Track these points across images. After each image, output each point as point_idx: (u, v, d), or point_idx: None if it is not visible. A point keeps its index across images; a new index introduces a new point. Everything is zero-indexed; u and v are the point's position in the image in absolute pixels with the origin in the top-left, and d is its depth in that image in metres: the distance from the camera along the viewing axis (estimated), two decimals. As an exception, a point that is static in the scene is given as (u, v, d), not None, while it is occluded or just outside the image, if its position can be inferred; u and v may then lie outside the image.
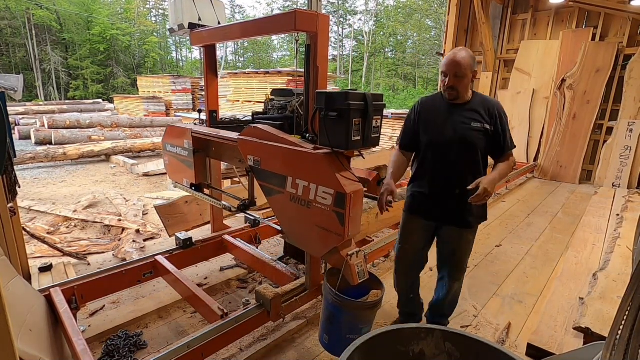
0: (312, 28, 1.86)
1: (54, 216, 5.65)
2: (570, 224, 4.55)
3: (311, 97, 1.95)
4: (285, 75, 13.30)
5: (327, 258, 1.87)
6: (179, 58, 44.45)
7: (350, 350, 1.22)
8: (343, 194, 1.63)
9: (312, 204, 1.77)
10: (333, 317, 1.85)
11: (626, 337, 0.91)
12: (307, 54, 1.93)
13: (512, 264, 3.42)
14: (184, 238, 2.80)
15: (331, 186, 1.68)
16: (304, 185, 1.80)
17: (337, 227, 1.69)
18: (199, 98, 20.90)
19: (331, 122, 1.68)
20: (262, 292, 2.14)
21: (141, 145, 11.30)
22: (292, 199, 1.88)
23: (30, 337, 1.61)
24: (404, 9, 35.37)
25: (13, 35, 28.84)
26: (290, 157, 1.87)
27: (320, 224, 1.77)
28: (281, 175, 1.92)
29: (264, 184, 2.06)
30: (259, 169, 2.05)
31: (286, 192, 1.91)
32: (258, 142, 2.02)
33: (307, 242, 1.94)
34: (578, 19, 6.85)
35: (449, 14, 8.04)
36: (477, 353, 1.32)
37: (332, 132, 1.69)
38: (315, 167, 1.74)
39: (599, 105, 6.52)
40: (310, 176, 1.77)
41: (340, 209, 1.66)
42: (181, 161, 2.75)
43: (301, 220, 1.88)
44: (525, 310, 2.69)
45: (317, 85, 1.94)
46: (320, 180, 1.73)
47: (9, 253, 2.30)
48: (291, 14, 1.81)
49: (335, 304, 1.80)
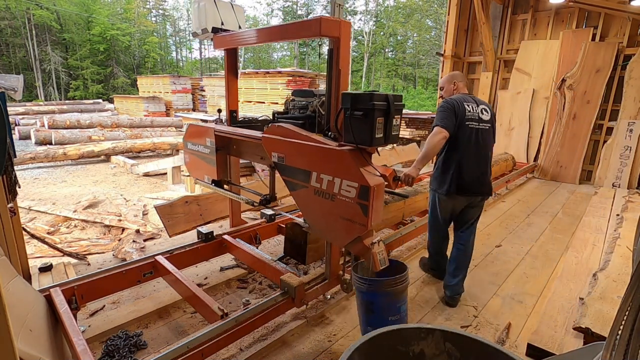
0: (336, 34, 1.98)
1: (54, 216, 5.65)
2: (570, 224, 4.55)
3: (333, 98, 2.06)
4: (285, 76, 13.28)
5: (350, 247, 1.98)
6: (179, 58, 44.45)
7: (350, 350, 1.22)
8: (367, 187, 1.75)
9: (336, 197, 1.89)
10: (371, 305, 2.00)
11: (626, 337, 0.91)
12: (330, 57, 2.05)
13: (512, 264, 3.42)
14: (205, 232, 2.92)
15: (355, 180, 1.80)
16: (329, 179, 1.92)
17: (361, 217, 1.80)
18: (199, 98, 20.89)
19: (356, 120, 1.83)
20: (287, 280, 2.27)
21: (141, 145, 11.30)
22: (316, 192, 1.99)
23: (30, 337, 1.61)
24: (404, 9, 35.37)
25: (13, 35, 28.83)
26: (315, 153, 1.97)
27: (344, 215, 1.88)
28: (306, 171, 2.03)
29: (287, 179, 2.16)
30: (283, 165, 2.15)
31: (310, 186, 2.02)
32: (283, 140, 2.13)
33: (331, 232, 2.04)
34: (578, 19, 6.85)
35: (449, 14, 8.04)
36: (477, 353, 1.32)
37: (357, 130, 1.83)
38: (340, 163, 1.86)
39: (599, 105, 6.52)
40: (335, 171, 1.89)
41: (364, 200, 1.77)
42: (202, 158, 2.86)
43: (325, 212, 1.98)
44: (525, 310, 2.69)
45: (339, 86, 2.04)
46: (344, 175, 1.84)
47: (9, 253, 2.30)
48: (317, 21, 1.92)
49: (370, 290, 1.97)
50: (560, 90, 6.83)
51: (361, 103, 1.81)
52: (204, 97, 19.86)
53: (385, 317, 1.99)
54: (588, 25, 6.79)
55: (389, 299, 1.97)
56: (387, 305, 1.98)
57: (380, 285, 1.94)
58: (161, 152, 11.91)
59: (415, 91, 32.17)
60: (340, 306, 2.63)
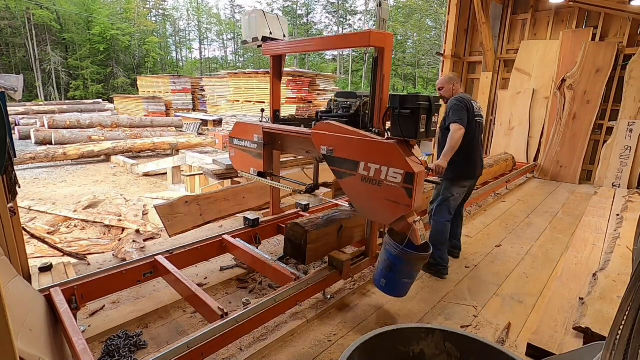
0: (382, 44, 2.29)
1: (54, 216, 5.65)
2: (570, 224, 4.55)
3: (377, 99, 2.38)
4: (286, 76, 13.27)
5: (394, 224, 2.28)
6: (179, 58, 44.45)
7: (350, 350, 1.22)
8: (412, 173, 2.07)
9: (383, 182, 2.20)
10: (393, 266, 2.34)
11: (626, 337, 0.91)
12: (375, 65, 2.36)
13: (512, 264, 3.42)
14: (252, 218, 3.16)
15: (402, 167, 2.11)
16: (376, 167, 2.22)
17: (406, 199, 2.12)
18: (198, 98, 20.89)
19: (404, 118, 2.20)
20: (335, 256, 2.60)
21: (141, 145, 11.30)
22: (364, 179, 2.29)
23: (30, 337, 1.61)
24: (404, 9, 35.37)
25: (13, 35, 28.82)
26: (364, 146, 2.28)
27: (390, 197, 2.18)
28: (354, 161, 2.33)
29: (336, 169, 2.46)
30: (333, 157, 2.45)
31: (358, 174, 2.32)
32: (332, 135, 2.44)
33: (376, 213, 2.34)
34: (578, 19, 6.85)
35: (449, 14, 8.04)
36: (477, 353, 1.32)
37: (404, 126, 2.20)
38: (388, 153, 2.17)
39: (599, 105, 6.52)
40: (383, 160, 2.19)
41: (409, 185, 2.09)
42: (249, 153, 3.18)
43: (371, 196, 2.28)
44: (525, 310, 2.69)
45: (383, 89, 2.36)
46: (392, 163, 2.15)
47: (9, 253, 2.30)
48: (367, 33, 2.26)
49: (398, 255, 2.29)
50: (560, 90, 6.83)
51: (409, 103, 2.18)
52: (204, 97, 19.88)
53: (399, 279, 2.38)
54: (588, 25, 6.79)
55: (409, 266, 2.34)
56: (405, 271, 2.35)
57: (408, 255, 2.27)
58: (161, 152, 11.92)
59: (415, 91, 32.19)
60: (340, 306, 2.63)
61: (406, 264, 2.32)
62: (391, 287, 2.43)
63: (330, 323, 2.44)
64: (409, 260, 2.30)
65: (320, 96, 14.30)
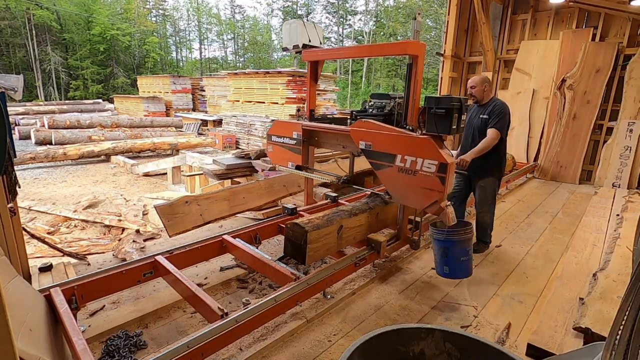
0: (416, 52, 2.61)
1: (54, 216, 5.65)
2: (570, 224, 4.55)
3: (411, 100, 2.70)
4: (286, 76, 13.27)
5: (428, 209, 2.58)
6: (179, 58, 44.44)
7: (350, 350, 1.22)
8: (445, 163, 2.37)
9: (418, 172, 2.50)
10: (447, 251, 2.67)
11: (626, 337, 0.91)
12: (409, 70, 2.69)
13: (512, 264, 3.42)
14: (291, 207, 3.39)
15: (436, 159, 2.41)
16: (412, 159, 2.53)
17: (439, 186, 2.42)
18: (198, 98, 20.89)
19: (438, 116, 2.49)
20: (373, 238, 2.95)
21: (141, 145, 11.30)
22: (400, 170, 2.60)
23: (30, 337, 1.61)
24: (404, 9, 35.39)
25: (13, 35, 28.82)
26: (401, 140, 2.59)
27: (425, 185, 2.48)
28: (391, 154, 2.64)
29: (374, 161, 2.77)
30: (371, 150, 2.76)
31: (395, 165, 2.63)
32: (370, 131, 2.76)
33: (411, 199, 2.66)
34: (578, 19, 6.85)
35: (449, 14, 8.04)
36: (477, 353, 1.32)
37: (439, 123, 2.50)
38: (424, 147, 2.47)
39: (599, 105, 6.52)
40: (419, 153, 2.49)
41: (442, 174, 2.39)
42: (287, 148, 3.48)
43: (407, 184, 2.59)
44: (525, 310, 2.69)
45: (417, 92, 2.68)
46: (426, 155, 2.45)
47: (9, 253, 2.30)
48: (405, 43, 2.67)
49: (448, 239, 2.64)
50: (560, 90, 6.83)
51: (443, 103, 2.47)
52: (203, 97, 19.87)
53: (457, 258, 2.67)
54: (588, 25, 6.79)
55: (460, 244, 2.64)
56: (459, 250, 2.64)
57: (454, 234, 2.61)
58: (161, 152, 11.92)
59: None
60: (340, 306, 2.64)
61: (456, 244, 2.64)
62: (454, 271, 2.72)
63: (330, 323, 2.44)
64: (457, 240, 2.63)
65: (320, 96, 14.29)
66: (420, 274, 3.15)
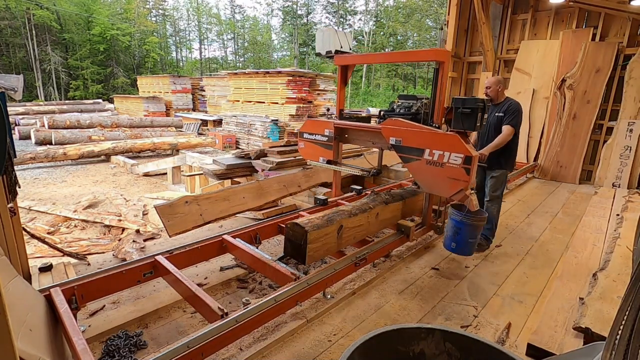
0: (442, 59, 3.02)
1: (54, 216, 5.65)
2: (570, 224, 4.55)
3: (437, 101, 3.07)
4: (285, 76, 13.27)
5: (454, 197, 2.92)
6: (179, 58, 44.43)
7: (350, 350, 1.22)
8: (470, 156, 2.71)
9: (445, 165, 2.84)
10: (459, 230, 3.01)
11: (626, 337, 0.91)
12: (436, 74, 3.07)
13: (512, 264, 3.42)
14: (323, 198, 3.58)
15: (462, 152, 2.74)
16: (439, 153, 2.86)
17: (464, 176, 2.76)
18: (198, 98, 20.88)
19: (465, 115, 2.86)
20: (403, 223, 3.36)
21: (141, 145, 11.30)
22: (428, 162, 2.93)
23: (30, 337, 1.61)
24: (404, 9, 35.39)
25: (13, 35, 28.81)
26: (430, 136, 2.93)
27: (451, 176, 2.82)
28: (420, 149, 2.97)
29: (404, 155, 3.10)
30: (401, 146, 3.09)
31: (423, 159, 2.96)
32: (400, 128, 3.11)
33: (439, 188, 3.00)
34: (578, 19, 6.85)
35: (449, 14, 8.03)
36: (477, 353, 1.32)
37: (466, 121, 2.88)
38: (451, 142, 2.81)
39: (599, 105, 6.52)
40: (446, 147, 2.82)
41: (468, 165, 2.72)
42: (319, 144, 3.86)
43: (434, 175, 2.92)
44: (525, 310, 2.69)
45: (443, 93, 3.05)
46: (453, 149, 2.78)
47: (9, 253, 2.30)
48: (433, 51, 3.18)
49: (462, 221, 2.98)
50: (560, 90, 6.83)
51: (469, 104, 2.84)
52: (203, 97, 19.87)
53: (466, 239, 3.02)
54: (588, 25, 6.79)
55: (472, 229, 3.00)
56: (469, 232, 3.00)
57: (469, 218, 2.96)
58: (161, 152, 11.92)
59: (415, 91, 32.19)
60: (340, 306, 2.64)
61: (469, 227, 2.98)
62: (460, 248, 3.08)
63: (330, 323, 2.44)
64: (470, 223, 2.97)
65: (320, 96, 14.29)
66: (421, 274, 3.15)
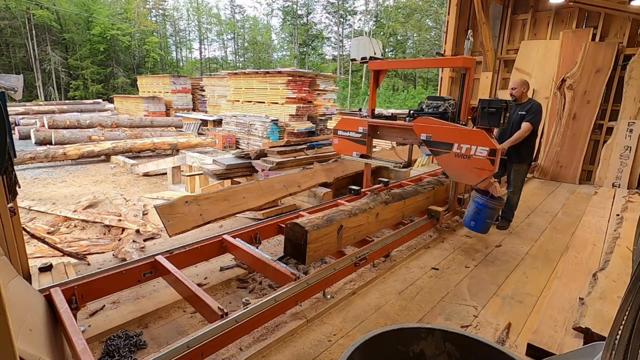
0: (468, 65, 3.52)
1: (54, 216, 5.65)
2: (570, 224, 4.55)
3: (464, 102, 3.56)
4: (285, 76, 13.25)
5: (480, 184, 3.42)
6: (179, 58, 44.42)
7: (350, 350, 1.22)
8: (494, 149, 3.18)
9: (472, 157, 3.30)
10: (480, 211, 3.46)
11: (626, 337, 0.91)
12: (462, 79, 3.59)
13: (512, 264, 3.42)
14: (356, 188, 3.81)
15: (487, 146, 3.21)
16: (467, 147, 3.32)
17: (490, 166, 3.22)
18: (198, 98, 20.87)
19: (490, 113, 3.30)
20: (433, 209, 3.84)
21: (141, 145, 11.29)
22: (457, 155, 3.39)
23: (30, 337, 1.61)
24: (404, 9, 35.37)
25: (13, 35, 28.81)
26: (458, 132, 3.39)
27: (477, 166, 3.28)
28: (449, 143, 3.43)
29: (434, 149, 3.56)
30: (432, 141, 3.55)
31: (452, 152, 3.42)
32: (431, 126, 3.57)
33: (466, 177, 3.49)
34: (578, 19, 6.85)
35: (449, 14, 8.03)
36: (477, 353, 1.32)
37: (491, 119, 3.32)
38: (477, 137, 3.28)
39: (599, 105, 6.52)
40: (473, 141, 3.29)
41: (492, 157, 3.19)
42: (353, 140, 4.32)
43: (462, 166, 3.38)
44: (525, 310, 2.69)
45: (468, 95, 3.57)
46: (480, 143, 3.25)
47: (9, 253, 2.30)
48: (460, 58, 3.62)
49: (484, 203, 3.42)
50: (560, 90, 6.83)
51: (494, 104, 3.28)
52: (203, 97, 19.85)
53: (485, 219, 3.47)
54: (588, 25, 6.79)
55: (491, 211, 3.45)
56: (489, 213, 3.45)
57: (490, 201, 3.40)
58: (161, 152, 11.91)
59: (415, 91, 32.17)
60: (340, 306, 2.64)
61: (489, 209, 3.41)
62: (478, 226, 3.52)
63: (330, 323, 2.44)
64: (491, 206, 3.40)
65: (320, 96, 14.28)
66: (421, 274, 3.15)
